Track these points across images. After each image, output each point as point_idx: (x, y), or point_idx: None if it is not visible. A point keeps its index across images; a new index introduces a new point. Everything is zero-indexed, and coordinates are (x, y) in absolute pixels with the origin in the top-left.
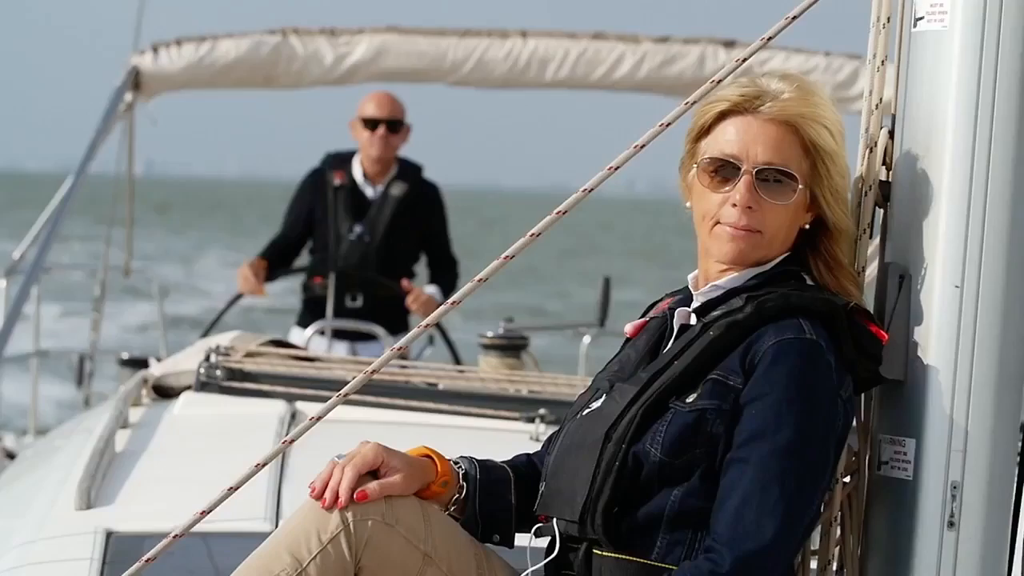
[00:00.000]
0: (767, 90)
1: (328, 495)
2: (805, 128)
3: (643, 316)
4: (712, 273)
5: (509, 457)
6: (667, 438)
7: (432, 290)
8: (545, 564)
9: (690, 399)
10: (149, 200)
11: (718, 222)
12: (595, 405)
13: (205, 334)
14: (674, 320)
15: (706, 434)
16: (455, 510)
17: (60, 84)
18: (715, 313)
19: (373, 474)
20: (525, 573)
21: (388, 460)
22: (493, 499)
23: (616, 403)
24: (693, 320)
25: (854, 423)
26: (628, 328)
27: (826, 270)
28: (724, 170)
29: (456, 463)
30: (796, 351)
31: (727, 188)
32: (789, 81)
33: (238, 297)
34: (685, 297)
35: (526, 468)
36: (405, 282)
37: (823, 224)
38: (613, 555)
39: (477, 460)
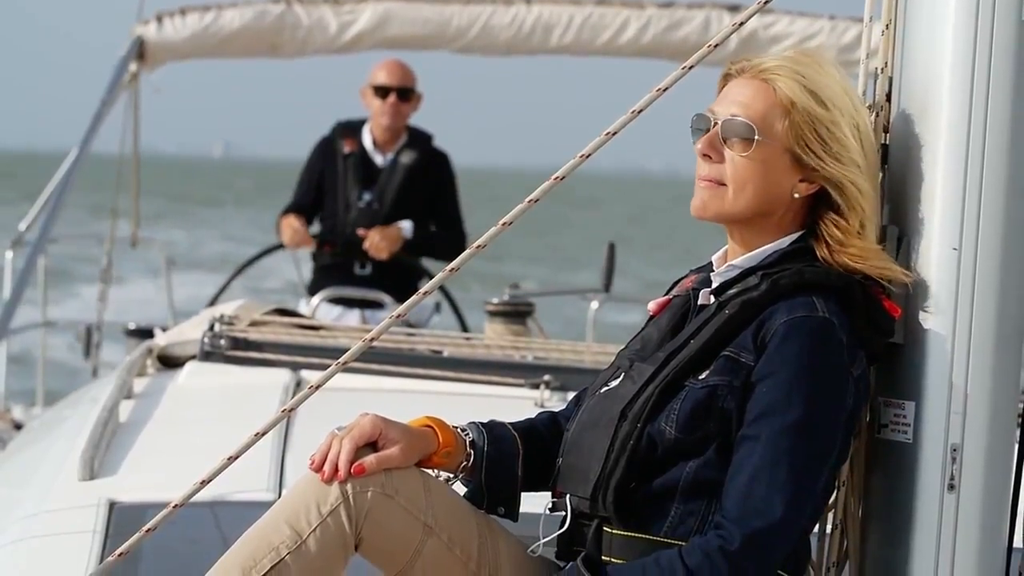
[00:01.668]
0: (764, 56)
1: (327, 468)
2: (777, 83)
3: (667, 293)
4: (730, 251)
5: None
6: (681, 415)
7: (404, 224)
8: (557, 538)
9: (703, 376)
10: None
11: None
12: (613, 384)
13: (213, 301)
14: (698, 300)
15: (718, 410)
16: (464, 477)
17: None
18: (731, 292)
19: (372, 446)
20: (536, 545)
21: (386, 432)
22: (500, 471)
23: (633, 382)
24: (711, 299)
25: None
26: (651, 306)
27: (828, 251)
28: (698, 123)
29: (463, 430)
30: (807, 329)
31: (700, 144)
32: (792, 50)
33: (277, 247)
34: (708, 274)
35: (544, 429)
36: (361, 230)
37: (826, 199)
38: (623, 533)
39: (486, 428)
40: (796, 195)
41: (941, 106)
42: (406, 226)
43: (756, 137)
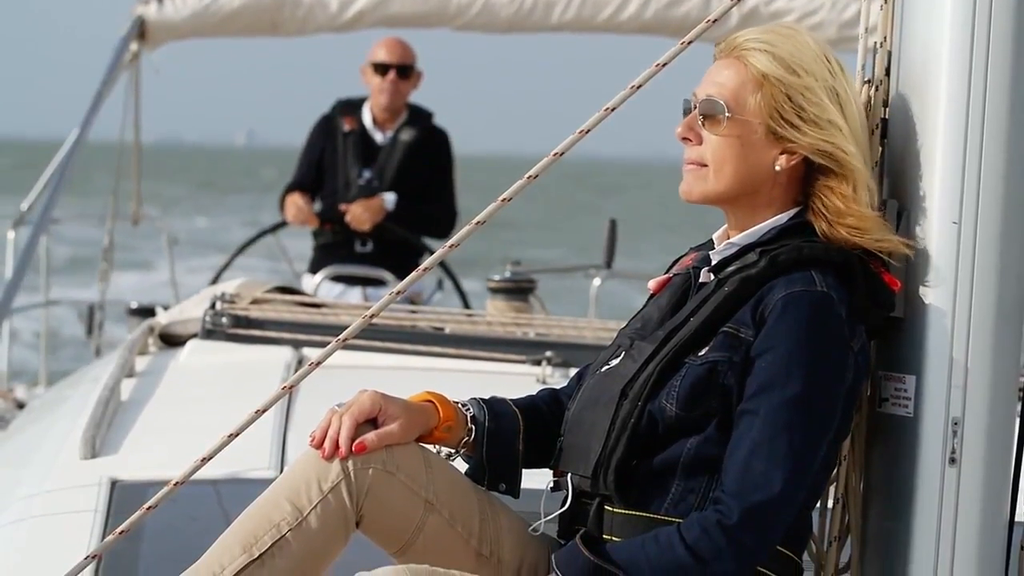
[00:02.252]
0: (740, 33)
1: (327, 445)
2: (749, 59)
3: (667, 272)
4: (729, 230)
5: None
6: (681, 392)
7: (388, 196)
8: (558, 517)
9: (702, 352)
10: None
11: None
12: (614, 363)
13: (215, 279)
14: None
15: (718, 386)
16: (465, 452)
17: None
18: (729, 269)
19: (373, 422)
20: (537, 524)
21: (386, 408)
22: (501, 447)
23: (634, 361)
24: (711, 277)
25: None
26: (651, 284)
27: (826, 225)
28: (684, 107)
29: (464, 406)
30: (806, 304)
31: (679, 128)
32: (769, 25)
33: (280, 225)
34: (708, 252)
35: (545, 406)
36: (343, 205)
37: (816, 169)
38: (624, 511)
39: (487, 404)
40: (778, 168)
41: (940, 80)
42: (389, 198)
43: (726, 115)
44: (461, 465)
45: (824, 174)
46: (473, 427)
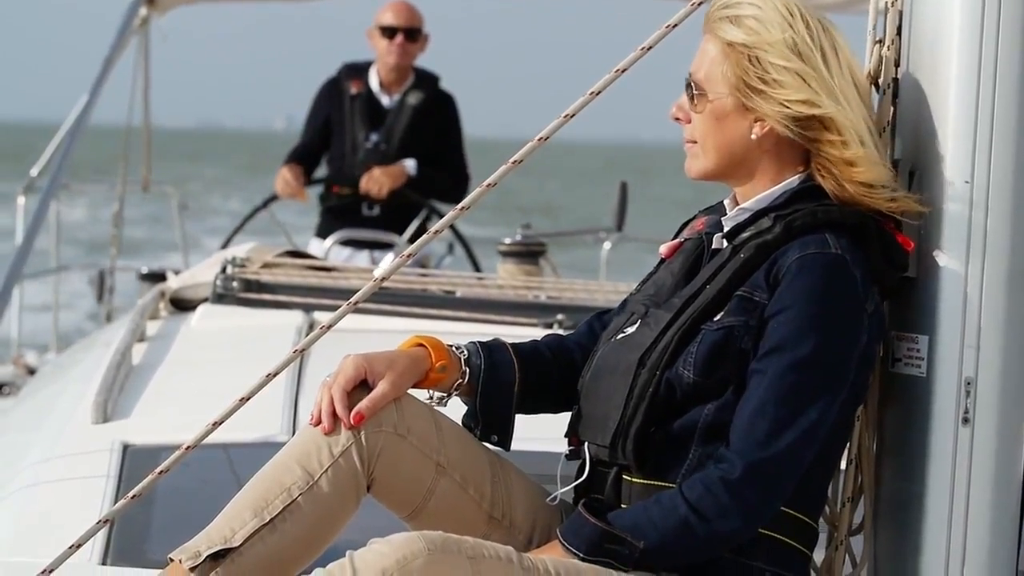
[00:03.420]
0: (713, 7)
1: (326, 420)
2: (716, 30)
3: (676, 236)
4: (738, 196)
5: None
6: (698, 358)
7: (408, 163)
8: (574, 487)
9: (718, 318)
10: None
11: None
12: (629, 330)
13: (226, 244)
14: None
15: (735, 350)
16: (460, 394)
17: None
18: (744, 235)
19: (365, 385)
20: (555, 494)
21: (371, 368)
22: (494, 398)
23: (650, 329)
24: (724, 244)
25: None
26: (663, 249)
27: (835, 184)
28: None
29: (459, 348)
30: (820, 265)
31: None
32: None
33: (272, 199)
34: (718, 216)
35: (548, 352)
36: (364, 178)
37: (806, 127)
38: (643, 481)
39: (484, 348)
40: (753, 136)
41: (952, 38)
42: (410, 164)
43: (695, 92)
44: (458, 409)
45: (811, 130)
46: (467, 369)
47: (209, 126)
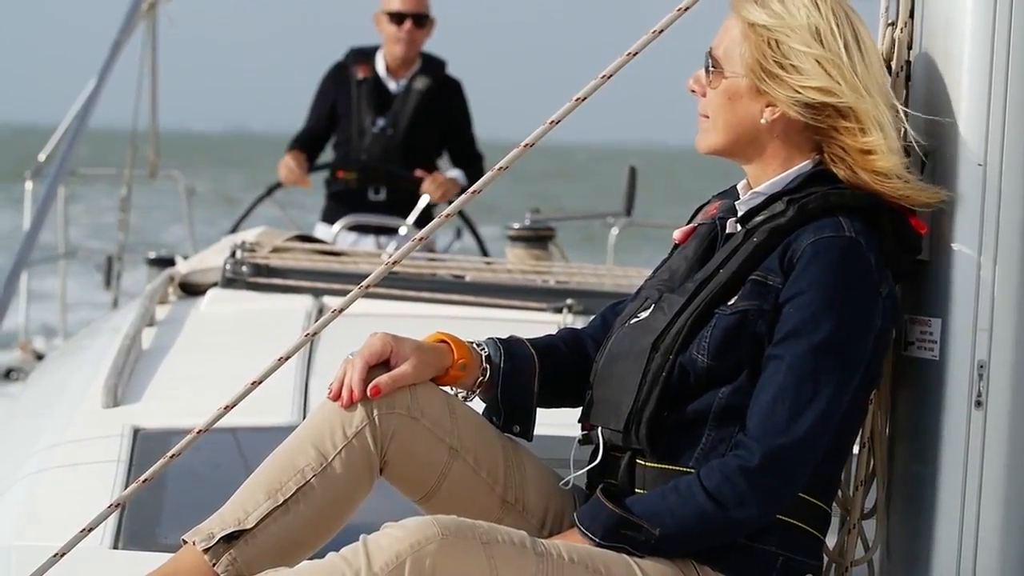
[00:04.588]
0: None
1: (344, 393)
2: (740, 10)
3: (690, 221)
4: (751, 179)
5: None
6: (712, 342)
7: (455, 173)
8: (588, 472)
9: (732, 302)
10: None
11: None
12: (643, 315)
13: (234, 229)
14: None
15: (750, 334)
16: (480, 392)
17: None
18: (758, 219)
19: (386, 365)
20: (568, 478)
21: (397, 349)
22: (515, 389)
23: (664, 313)
24: (737, 228)
25: None
26: (677, 234)
27: (848, 169)
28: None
29: (479, 345)
30: (835, 249)
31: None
32: None
33: (276, 187)
34: (732, 200)
35: (564, 346)
36: (419, 171)
37: (821, 114)
38: (656, 466)
39: (504, 344)
40: (763, 121)
41: (965, 20)
42: (457, 175)
43: (712, 67)
44: (478, 406)
45: (827, 116)
46: (488, 367)
47: (235, 129)
